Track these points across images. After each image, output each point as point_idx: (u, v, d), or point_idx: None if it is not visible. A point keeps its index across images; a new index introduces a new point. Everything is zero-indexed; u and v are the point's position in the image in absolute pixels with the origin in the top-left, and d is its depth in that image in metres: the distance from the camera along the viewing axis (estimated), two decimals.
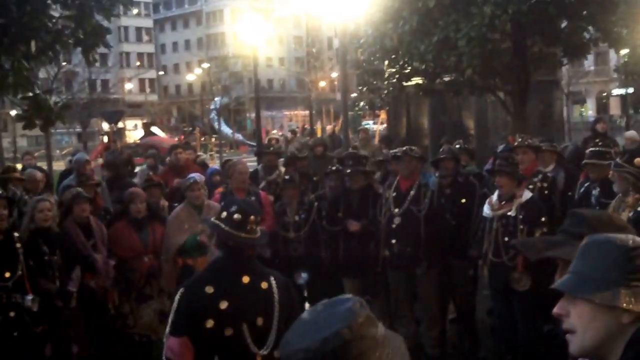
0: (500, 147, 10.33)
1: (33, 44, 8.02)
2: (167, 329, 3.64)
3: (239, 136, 53.95)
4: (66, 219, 6.91)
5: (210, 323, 3.57)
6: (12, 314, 5.90)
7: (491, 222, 6.45)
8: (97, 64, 11.61)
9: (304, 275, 7.61)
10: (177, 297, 3.66)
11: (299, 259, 7.72)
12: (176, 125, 73.30)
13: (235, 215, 3.68)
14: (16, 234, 6.16)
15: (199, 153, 17.86)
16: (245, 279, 3.69)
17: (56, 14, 8.44)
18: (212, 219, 3.82)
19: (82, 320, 6.60)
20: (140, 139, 42.15)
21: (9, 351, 5.84)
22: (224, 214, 3.72)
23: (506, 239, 6.28)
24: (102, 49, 9.21)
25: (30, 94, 8.87)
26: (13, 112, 43.12)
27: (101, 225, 7.11)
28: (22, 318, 5.93)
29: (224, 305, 3.59)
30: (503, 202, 6.39)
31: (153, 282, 7.06)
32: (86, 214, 6.97)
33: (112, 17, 8.91)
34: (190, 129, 56.80)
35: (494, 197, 6.54)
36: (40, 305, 6.01)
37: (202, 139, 46.79)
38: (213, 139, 48.05)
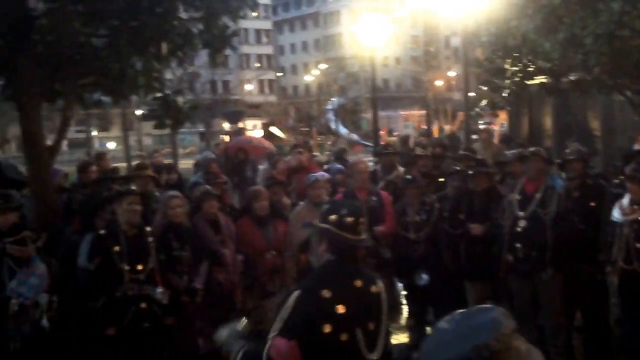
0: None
1: (164, 45, 8.35)
2: (276, 329, 3.52)
3: (354, 136, 54.18)
4: (195, 216, 7.16)
5: (327, 328, 3.52)
6: (143, 305, 6.17)
7: (622, 227, 6.18)
8: (220, 66, 11.94)
9: (424, 276, 7.55)
10: (292, 299, 3.56)
11: (419, 259, 7.67)
12: (294, 125, 74.49)
13: (348, 219, 3.65)
14: (148, 229, 6.44)
15: (314, 153, 18.05)
16: (358, 283, 3.66)
17: (184, 16, 8.71)
18: (319, 223, 3.74)
19: (209, 314, 6.78)
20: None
21: (140, 341, 6.10)
22: (333, 217, 3.67)
23: (638, 245, 6.00)
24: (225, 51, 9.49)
25: (160, 95, 9.25)
26: (139, 112, 45.15)
27: (229, 221, 7.32)
28: (152, 310, 6.19)
29: (341, 309, 3.55)
30: (635, 207, 6.11)
31: (276, 278, 7.19)
32: (214, 210, 7.19)
33: (237, 18, 9.12)
34: (307, 129, 57.56)
35: (625, 201, 6.26)
36: (169, 298, 6.26)
37: (319, 138, 47.28)
38: (328, 139, 48.46)
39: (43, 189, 7.84)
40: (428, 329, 7.63)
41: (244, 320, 3.94)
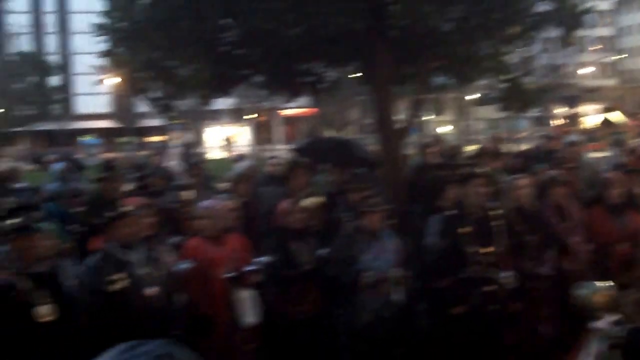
0: None
1: (514, 27, 8.21)
2: None
3: None
4: (541, 201, 6.95)
5: None
6: (488, 287, 6.14)
7: None
8: (571, 46, 11.39)
9: None
10: None
11: None
12: (634, 110, 68.89)
13: None
14: (495, 212, 6.39)
15: None
16: None
17: None
18: None
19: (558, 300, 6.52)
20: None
21: (485, 324, 6.08)
22: None
23: None
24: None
25: (507, 77, 9.12)
26: (471, 97, 45.33)
27: (577, 209, 6.98)
28: (497, 293, 6.14)
29: None
30: None
31: (629, 271, 6.69)
32: (560, 197, 6.91)
33: None
34: None
35: None
36: (515, 283, 6.16)
37: None
38: None
39: (394, 169, 8.22)
40: None
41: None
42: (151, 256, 5.43)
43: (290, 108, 54.11)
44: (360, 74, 9.25)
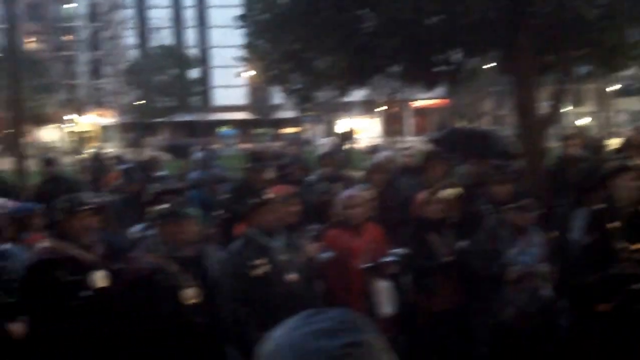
0: None
1: None
2: None
3: None
4: None
5: None
6: (635, 286, 5.83)
7: None
8: None
9: None
10: None
11: None
12: None
13: None
14: None
15: None
16: None
17: None
18: None
19: None
20: None
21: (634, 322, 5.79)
22: None
23: None
24: None
25: None
26: (611, 88, 43.25)
27: None
28: None
29: None
30: None
31: None
32: None
33: None
34: None
35: None
36: None
37: None
38: None
39: (535, 162, 7.96)
40: None
41: None
42: (291, 243, 5.53)
43: (422, 99, 53.71)
44: (498, 63, 9.02)
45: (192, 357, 5.11)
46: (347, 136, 12.76)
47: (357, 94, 30.51)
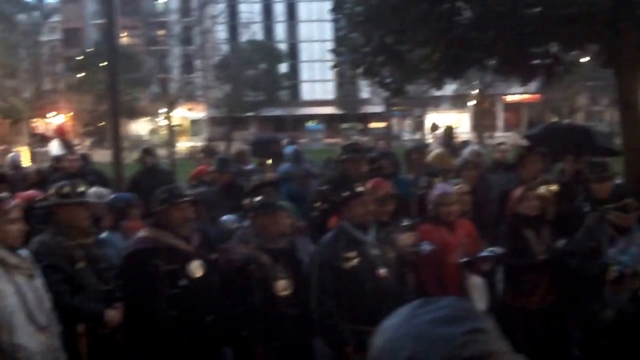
0: None
1: None
2: None
3: None
4: None
5: None
6: None
7: None
8: None
9: None
10: None
11: None
12: None
13: None
14: None
15: None
16: None
17: None
18: None
19: None
20: None
21: None
22: None
23: None
24: None
25: None
26: None
27: None
28: None
29: None
30: None
31: None
32: None
33: None
34: None
35: None
36: None
37: None
38: None
39: (638, 158, 7.63)
40: None
41: None
42: (383, 237, 5.48)
43: (514, 94, 52.53)
44: (597, 56, 8.69)
45: (282, 348, 5.15)
46: (449, 133, 12.54)
47: (447, 89, 30.13)
